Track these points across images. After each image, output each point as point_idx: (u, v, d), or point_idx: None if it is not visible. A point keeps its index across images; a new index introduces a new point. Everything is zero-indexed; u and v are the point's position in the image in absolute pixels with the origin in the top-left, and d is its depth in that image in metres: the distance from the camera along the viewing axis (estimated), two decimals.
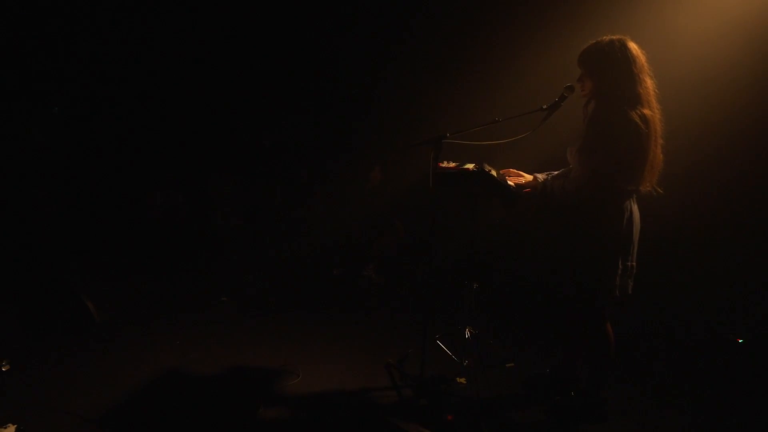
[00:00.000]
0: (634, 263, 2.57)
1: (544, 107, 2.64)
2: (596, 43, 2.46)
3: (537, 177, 2.81)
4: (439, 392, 2.93)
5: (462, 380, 3.03)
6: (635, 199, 2.58)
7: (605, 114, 2.43)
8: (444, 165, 2.73)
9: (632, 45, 2.42)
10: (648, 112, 2.39)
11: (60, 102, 4.83)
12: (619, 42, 2.41)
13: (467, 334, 3.02)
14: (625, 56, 2.39)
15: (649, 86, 2.42)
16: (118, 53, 4.95)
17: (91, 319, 3.81)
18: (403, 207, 4.89)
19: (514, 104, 2.97)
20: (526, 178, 2.82)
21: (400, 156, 4.97)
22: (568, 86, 2.59)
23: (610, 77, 2.41)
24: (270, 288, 4.65)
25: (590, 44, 2.48)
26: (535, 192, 2.69)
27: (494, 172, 2.69)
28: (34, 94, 4.67)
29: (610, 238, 2.50)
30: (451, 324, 3.31)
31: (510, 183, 2.75)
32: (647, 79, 2.42)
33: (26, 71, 4.59)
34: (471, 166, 2.68)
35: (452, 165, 2.74)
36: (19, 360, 3.20)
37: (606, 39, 2.44)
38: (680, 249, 3.89)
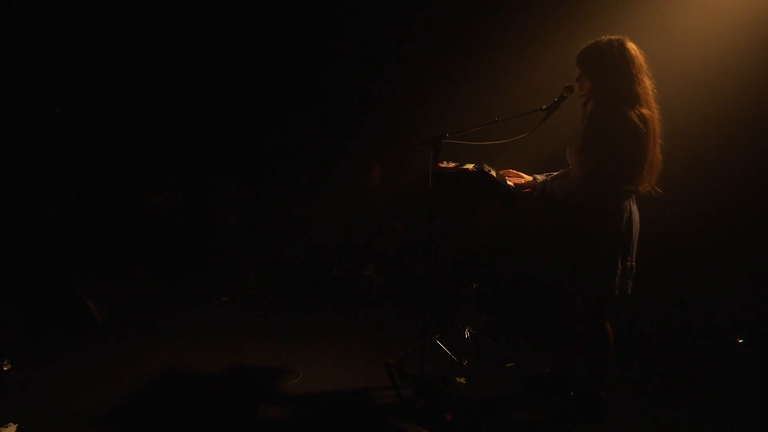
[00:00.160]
0: (634, 263, 2.57)
1: (544, 107, 2.64)
2: (595, 43, 2.46)
3: (536, 178, 2.82)
4: (439, 392, 2.93)
5: (462, 380, 3.03)
6: (635, 199, 2.58)
7: (604, 114, 2.43)
8: (444, 165, 2.73)
9: (631, 45, 2.42)
10: (647, 112, 2.39)
11: (62, 103, 4.84)
12: (618, 42, 2.41)
13: (467, 334, 3.02)
14: (624, 56, 2.39)
15: (648, 86, 2.42)
16: (120, 54, 4.96)
17: (92, 319, 3.82)
18: (403, 207, 4.90)
19: (514, 104, 2.97)
20: (526, 179, 2.82)
21: (400, 156, 4.98)
22: (567, 86, 2.59)
23: (609, 77, 2.41)
24: (270, 288, 4.66)
25: (589, 44, 2.48)
26: (535, 192, 2.70)
27: (494, 173, 2.69)
28: (36, 95, 4.68)
29: (610, 238, 2.50)
30: (451, 324, 3.31)
31: (509, 183, 2.75)
32: (646, 79, 2.42)
33: (28, 72, 4.60)
34: (471, 167, 2.68)
35: (452, 165, 2.74)
36: (21, 359, 3.22)
37: (605, 39, 2.44)
38: (680, 249, 3.89)
